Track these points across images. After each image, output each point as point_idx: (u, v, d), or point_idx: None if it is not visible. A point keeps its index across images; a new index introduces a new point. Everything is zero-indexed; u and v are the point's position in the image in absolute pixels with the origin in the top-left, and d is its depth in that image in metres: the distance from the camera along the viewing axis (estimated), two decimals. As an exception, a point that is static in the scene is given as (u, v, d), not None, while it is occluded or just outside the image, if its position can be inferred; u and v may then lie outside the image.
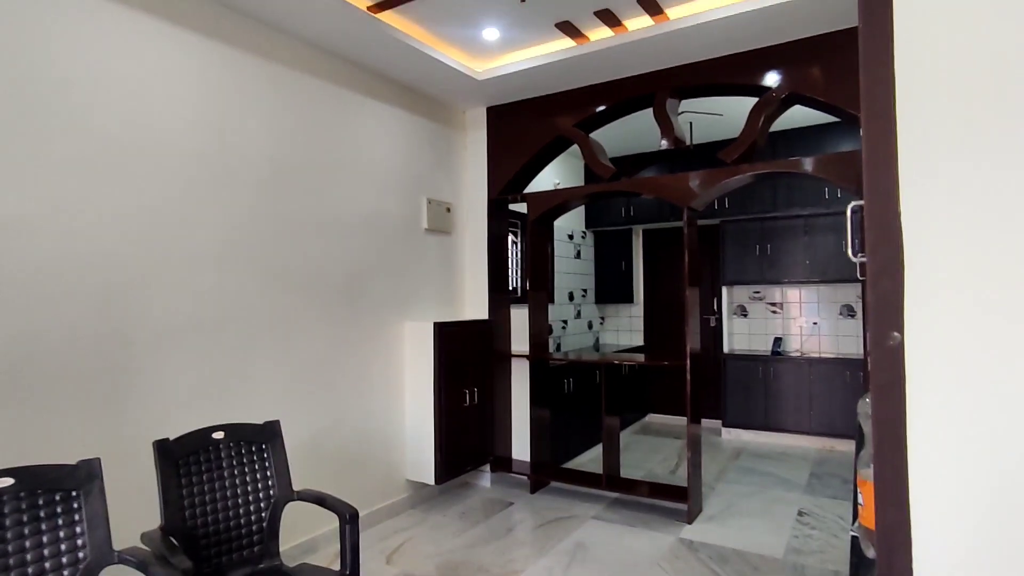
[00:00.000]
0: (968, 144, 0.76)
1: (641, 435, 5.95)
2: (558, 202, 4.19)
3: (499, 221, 4.53)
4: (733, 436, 5.65)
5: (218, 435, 2.20)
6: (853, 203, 1.11)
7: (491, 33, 3.42)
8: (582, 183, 6.17)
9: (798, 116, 4.68)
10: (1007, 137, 0.74)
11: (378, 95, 3.75)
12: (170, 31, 2.63)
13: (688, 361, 3.64)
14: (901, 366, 0.78)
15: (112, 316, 2.39)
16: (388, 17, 3.19)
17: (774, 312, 5.89)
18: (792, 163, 3.42)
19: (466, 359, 4.03)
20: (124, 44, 2.46)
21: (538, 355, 4.29)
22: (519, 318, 4.52)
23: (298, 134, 3.21)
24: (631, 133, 5.14)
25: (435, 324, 3.79)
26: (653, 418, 6.60)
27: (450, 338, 3.88)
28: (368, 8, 3.08)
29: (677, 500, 3.67)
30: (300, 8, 2.89)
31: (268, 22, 3.03)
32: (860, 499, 1.26)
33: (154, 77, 2.57)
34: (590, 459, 5.00)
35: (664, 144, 3.76)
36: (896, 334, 0.79)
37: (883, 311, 0.79)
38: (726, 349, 5.83)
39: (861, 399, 1.32)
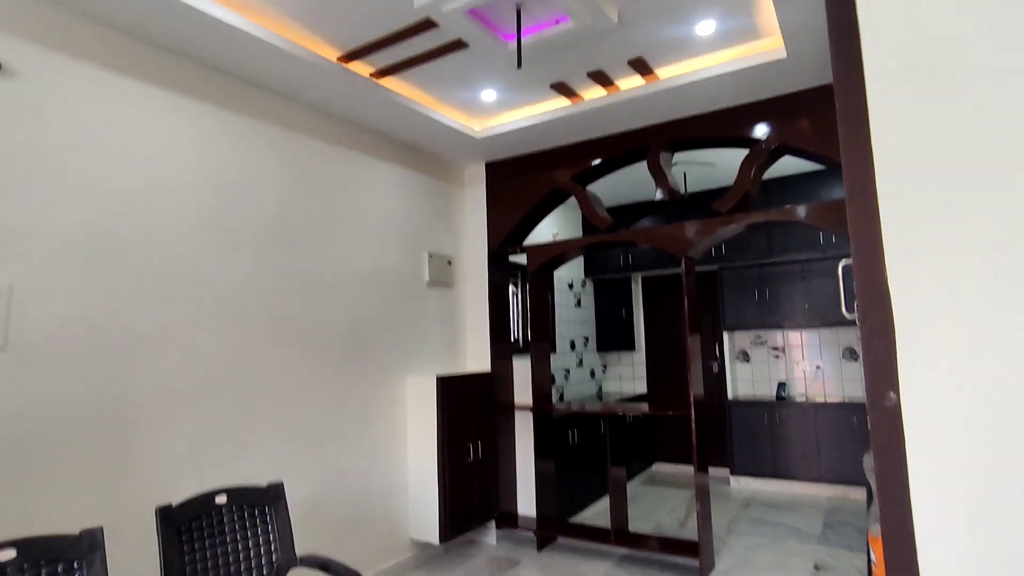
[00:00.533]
0: (946, 213, 0.80)
1: (648, 485, 5.84)
2: (557, 254, 4.26)
3: (499, 273, 4.58)
4: (742, 485, 5.54)
5: (221, 499, 2.18)
6: (844, 261, 1.15)
7: (489, 95, 3.56)
8: (580, 233, 6.27)
9: (790, 163, 4.81)
10: (983, 204, 0.79)
11: (379, 154, 3.87)
12: (177, 100, 2.75)
13: (692, 410, 3.62)
14: (899, 426, 0.80)
15: (114, 380, 2.41)
16: (389, 82, 3.33)
17: (776, 356, 5.87)
18: (786, 212, 3.49)
19: (469, 412, 4.01)
20: (134, 114, 2.57)
21: (541, 406, 4.26)
22: (521, 369, 4.51)
23: (301, 194, 3.30)
24: (627, 183, 5.27)
25: (437, 378, 3.78)
26: (660, 467, 6.48)
27: (453, 392, 3.87)
28: (371, 75, 3.22)
29: (688, 555, 3.57)
30: (305, 76, 3.03)
31: (273, 89, 3.17)
32: (872, 556, 1.25)
33: (162, 144, 2.67)
34: (597, 512, 4.89)
35: (659, 195, 3.85)
36: (892, 394, 0.81)
37: (877, 372, 0.81)
38: (730, 395, 5.79)
39: (866, 454, 1.33)
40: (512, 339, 4.71)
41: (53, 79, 2.31)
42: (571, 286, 6.29)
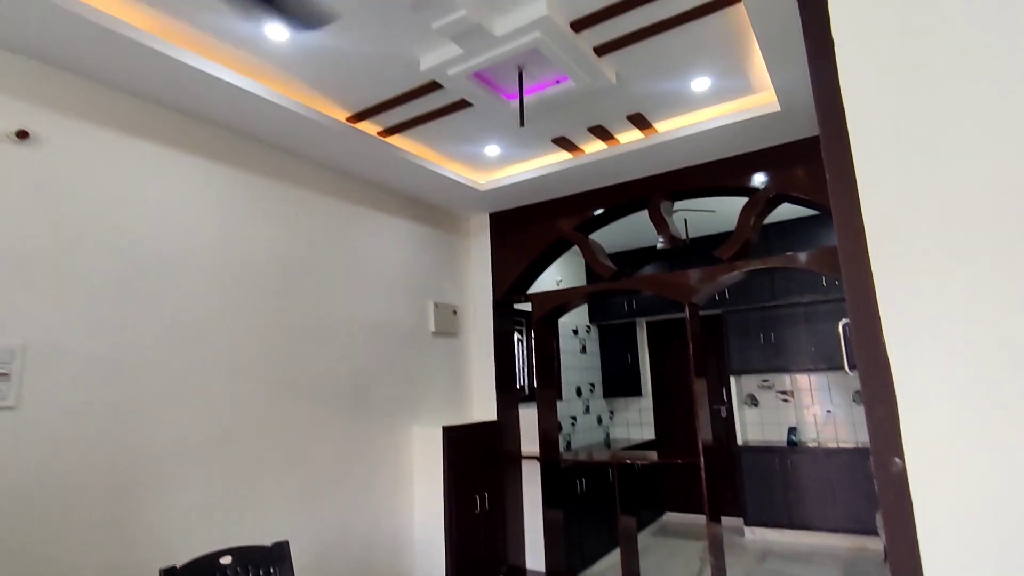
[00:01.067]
0: (942, 280, 0.83)
1: (660, 536, 5.69)
2: (561, 302, 4.29)
3: (504, 321, 4.61)
4: (757, 536, 5.40)
5: (226, 560, 2.14)
6: (843, 321, 1.18)
7: (492, 149, 3.67)
8: (584, 280, 6.32)
9: (790, 208, 4.89)
10: (978, 272, 0.81)
11: (385, 207, 3.96)
12: (190, 160, 2.85)
13: (702, 457, 3.57)
14: (906, 491, 0.80)
15: (122, 438, 2.41)
16: (396, 140, 3.45)
17: (785, 400, 5.81)
18: (787, 258, 3.53)
19: (476, 463, 3.96)
20: (149, 175, 2.66)
21: (548, 456, 4.21)
22: (528, 417, 4.48)
23: (309, 248, 3.37)
24: (629, 230, 5.35)
25: (444, 428, 3.76)
26: (671, 517, 6.33)
27: (459, 442, 3.84)
28: (378, 133, 3.34)
29: (703, 611, 3.46)
30: (315, 136, 3.14)
31: (284, 148, 3.28)
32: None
33: (175, 204, 2.75)
34: (609, 565, 4.76)
35: (661, 244, 3.91)
36: (897, 460, 0.82)
37: (882, 437, 0.83)
38: (740, 440, 5.70)
39: (878, 512, 1.32)
40: (518, 387, 4.70)
41: (75, 144, 2.41)
42: (576, 332, 6.29)
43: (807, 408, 5.71)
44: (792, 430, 5.52)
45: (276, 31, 2.41)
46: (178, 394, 2.62)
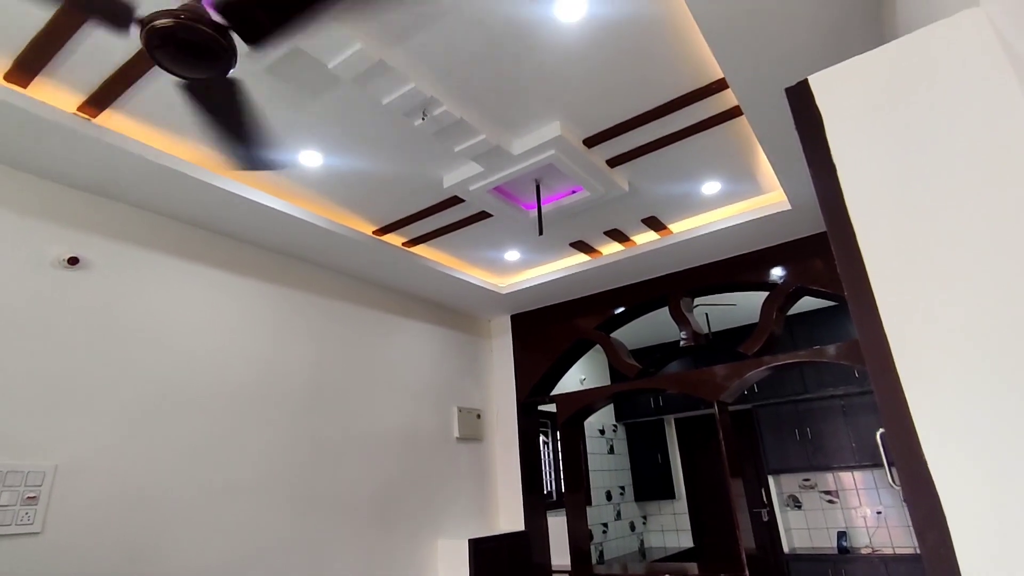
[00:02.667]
0: (973, 386, 0.82)
1: (707, 660, 5.17)
2: (587, 403, 4.22)
3: (529, 423, 4.52)
4: (815, 657, 4.88)
5: None
6: (881, 431, 1.15)
7: (512, 255, 3.79)
8: (608, 377, 6.24)
9: (813, 298, 4.86)
10: (1010, 385, 0.81)
11: (409, 313, 4.05)
12: (222, 278, 2.98)
13: (747, 570, 3.33)
14: (973, 627, 0.75)
15: (145, 564, 2.35)
16: (420, 249, 3.59)
17: (831, 502, 5.46)
18: (815, 352, 3.47)
19: (504, 579, 3.74)
20: (184, 293, 2.79)
21: (581, 570, 3.96)
22: (557, 525, 4.27)
23: (334, 357, 3.42)
24: (651, 326, 5.34)
25: (470, 541, 3.59)
26: (718, 636, 5.78)
27: (486, 555, 3.65)
28: (403, 244, 3.49)
29: None
30: (342, 249, 3.29)
31: (312, 261, 3.43)
32: None
33: (207, 320, 2.85)
34: None
35: (684, 339, 3.89)
36: (958, 590, 0.77)
37: (937, 566, 0.78)
38: (786, 548, 5.31)
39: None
40: (545, 491, 4.52)
41: (120, 268, 2.56)
42: (603, 432, 6.12)
43: (855, 509, 5.35)
44: (842, 534, 5.14)
45: (311, 158, 2.61)
46: (201, 517, 2.57)
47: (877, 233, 0.95)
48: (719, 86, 2.27)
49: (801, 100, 1.08)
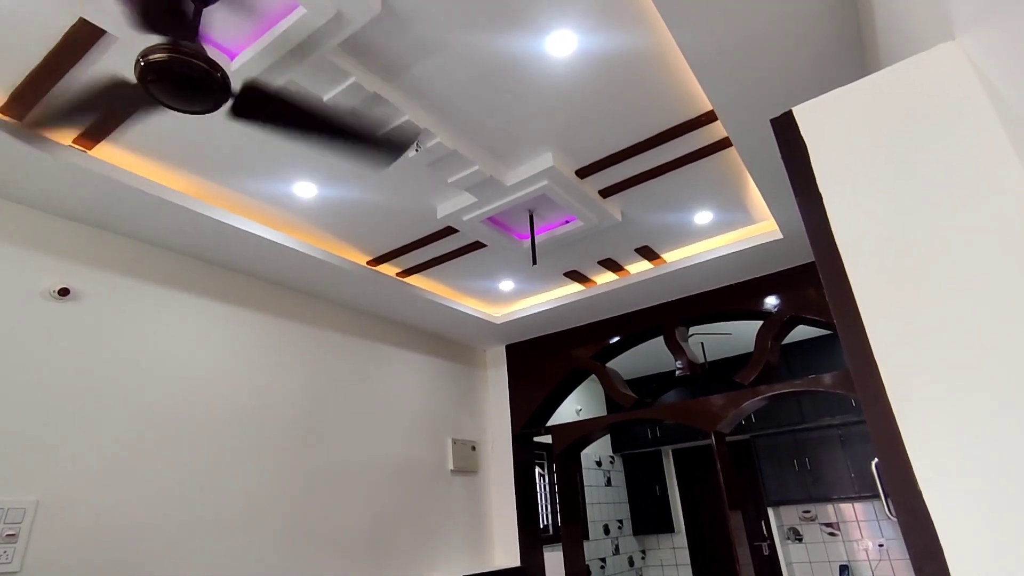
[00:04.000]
0: (962, 420, 0.82)
1: None
2: (582, 434, 4.17)
3: (524, 455, 4.45)
4: None
5: None
6: (875, 460, 1.13)
7: (506, 284, 3.79)
8: (604, 407, 6.19)
9: (809, 328, 4.86)
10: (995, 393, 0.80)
11: (403, 343, 4.02)
12: (214, 308, 2.97)
13: (748, 607, 3.24)
14: (976, 666, 0.72)
15: (127, 600, 2.27)
16: (414, 279, 3.59)
17: (832, 534, 5.37)
18: (811, 381, 3.45)
19: (499, 618, 3.63)
20: (172, 324, 2.77)
21: (578, 607, 3.85)
22: (554, 561, 4.17)
23: (327, 388, 3.38)
24: (647, 355, 5.32)
25: (464, 578, 3.50)
26: (721, 677, 5.61)
27: (480, 593, 3.55)
28: (397, 275, 3.49)
29: None
30: (336, 279, 3.29)
31: (305, 291, 3.42)
32: None
33: (199, 351, 2.82)
34: None
35: (679, 369, 3.87)
36: (959, 627, 0.75)
37: (936, 602, 0.76)
38: (788, 583, 5.20)
39: None
40: (541, 525, 4.42)
41: (111, 298, 2.54)
42: (599, 464, 6.04)
43: (856, 542, 5.25)
44: (844, 568, 5.04)
45: (305, 189, 2.63)
46: (189, 553, 2.50)
47: (864, 261, 0.95)
48: (708, 118, 2.31)
49: (786, 131, 1.10)
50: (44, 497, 2.14)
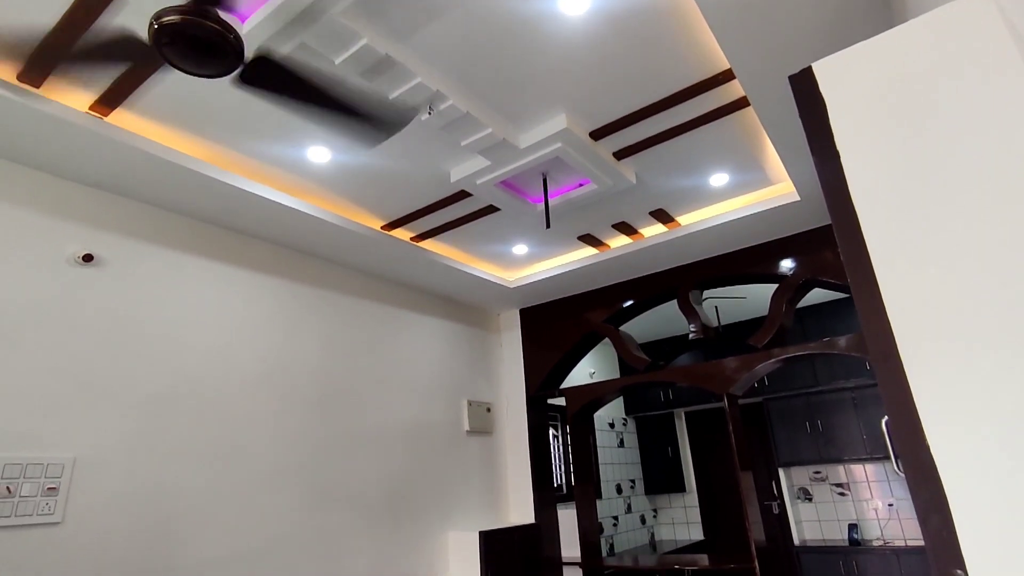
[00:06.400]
0: (971, 373, 0.82)
1: (718, 652, 5.17)
2: (596, 396, 4.23)
3: (539, 416, 4.54)
4: (827, 650, 4.87)
5: None
6: (886, 418, 1.15)
7: (520, 248, 3.80)
8: (618, 370, 6.24)
9: (823, 290, 4.83)
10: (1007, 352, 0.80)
11: (418, 308, 4.07)
12: (240, 274, 3.02)
13: (756, 562, 3.33)
14: (976, 610, 0.75)
15: (160, 553, 2.39)
16: (428, 244, 3.61)
17: (842, 494, 5.44)
18: (825, 344, 3.45)
19: (515, 569, 3.76)
20: (195, 289, 2.82)
21: (591, 561, 3.98)
22: (567, 518, 4.29)
23: (345, 353, 3.45)
24: (661, 319, 5.33)
25: (480, 533, 3.62)
26: (729, 629, 5.78)
27: (496, 546, 3.67)
28: (411, 239, 3.50)
29: None
30: (352, 244, 3.31)
31: (322, 256, 3.46)
32: None
33: (220, 316, 2.89)
34: None
35: (693, 332, 3.88)
36: (959, 572, 0.77)
37: (940, 550, 0.78)
38: (796, 540, 5.30)
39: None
40: (555, 485, 4.53)
41: (134, 264, 2.60)
42: (612, 425, 6.13)
43: (867, 502, 5.32)
44: (853, 527, 5.12)
45: (318, 154, 2.63)
46: (214, 509, 2.61)
47: (881, 219, 0.95)
48: (726, 76, 2.26)
49: (805, 87, 1.08)
50: (81, 454, 2.24)
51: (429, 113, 2.27)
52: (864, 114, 1.02)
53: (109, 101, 2.20)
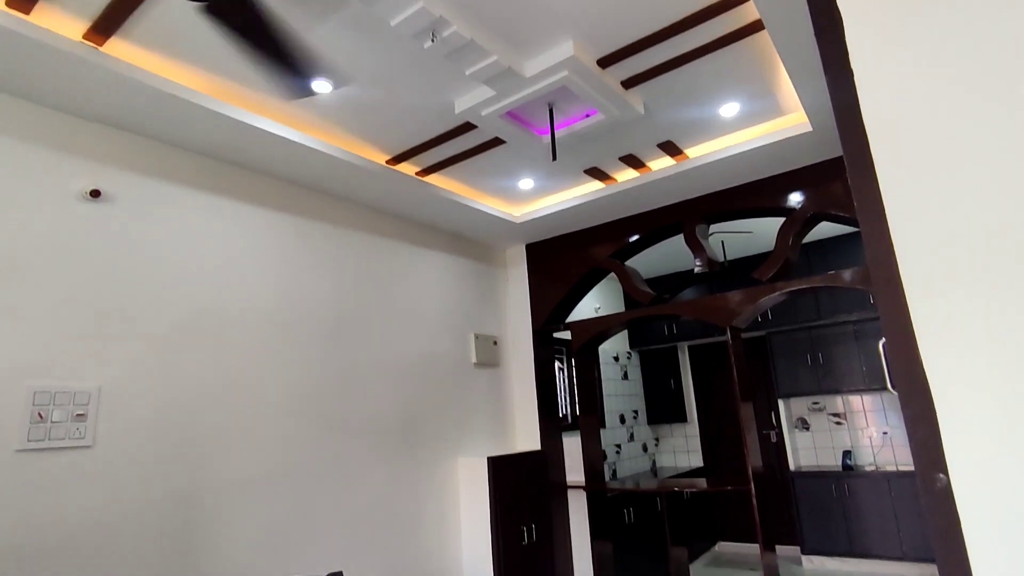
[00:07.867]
0: (974, 299, 0.85)
1: (713, 567, 5.51)
2: (600, 330, 4.30)
3: (544, 350, 4.64)
4: (816, 565, 5.17)
5: (284, 592, 2.21)
6: (883, 340, 1.18)
7: (526, 183, 3.77)
8: (623, 305, 6.31)
9: (830, 224, 4.81)
10: (1011, 284, 0.83)
11: (425, 243, 4.09)
12: (244, 209, 3.03)
13: (752, 484, 3.49)
14: (953, 508, 0.81)
15: (185, 476, 2.53)
16: (434, 178, 3.58)
17: (838, 423, 5.62)
18: (830, 277, 3.47)
19: (522, 493, 3.96)
20: (208, 225, 2.84)
21: (594, 485, 4.17)
22: (572, 446, 4.46)
23: (354, 287, 3.50)
24: (666, 254, 5.34)
25: (488, 459, 3.79)
26: (724, 546, 6.12)
27: (504, 471, 3.85)
28: (416, 173, 3.48)
29: (763, 646, 3.33)
30: (357, 179, 3.30)
31: (328, 192, 3.45)
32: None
33: (232, 250, 2.92)
34: (661, 599, 4.63)
35: (698, 266, 3.90)
36: (941, 476, 0.82)
37: (925, 456, 0.83)
38: (792, 466, 5.52)
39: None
40: (561, 415, 4.69)
41: (142, 200, 2.61)
42: (616, 359, 6.26)
43: (862, 430, 5.50)
44: (847, 454, 5.32)
45: (321, 86, 2.58)
46: (235, 435, 2.74)
47: (891, 142, 0.94)
48: (740, -2, 2.17)
49: (822, 3, 1.05)
50: (106, 383, 2.34)
51: (432, 41, 2.21)
52: (884, 30, 0.99)
53: (103, 29, 2.15)
